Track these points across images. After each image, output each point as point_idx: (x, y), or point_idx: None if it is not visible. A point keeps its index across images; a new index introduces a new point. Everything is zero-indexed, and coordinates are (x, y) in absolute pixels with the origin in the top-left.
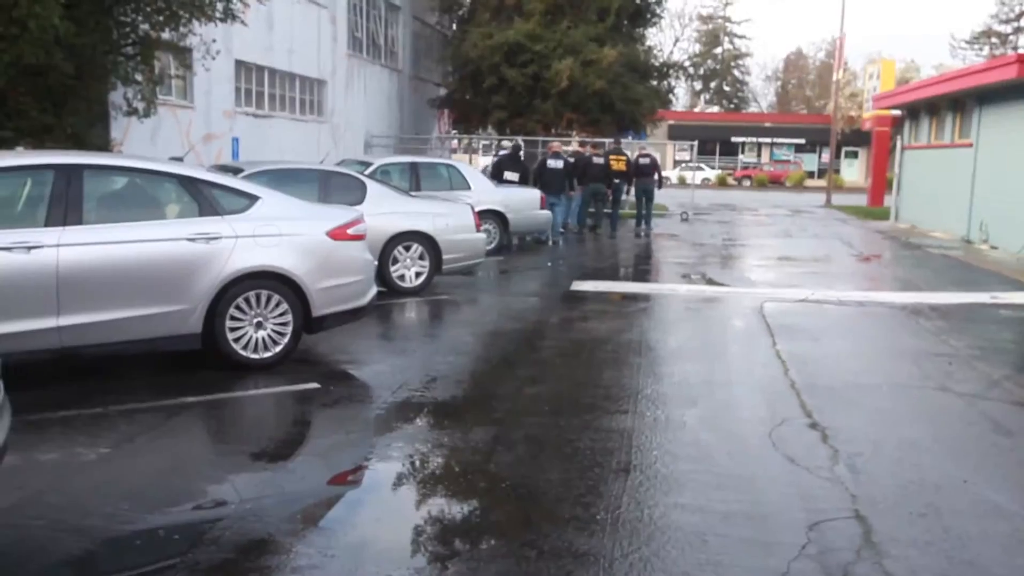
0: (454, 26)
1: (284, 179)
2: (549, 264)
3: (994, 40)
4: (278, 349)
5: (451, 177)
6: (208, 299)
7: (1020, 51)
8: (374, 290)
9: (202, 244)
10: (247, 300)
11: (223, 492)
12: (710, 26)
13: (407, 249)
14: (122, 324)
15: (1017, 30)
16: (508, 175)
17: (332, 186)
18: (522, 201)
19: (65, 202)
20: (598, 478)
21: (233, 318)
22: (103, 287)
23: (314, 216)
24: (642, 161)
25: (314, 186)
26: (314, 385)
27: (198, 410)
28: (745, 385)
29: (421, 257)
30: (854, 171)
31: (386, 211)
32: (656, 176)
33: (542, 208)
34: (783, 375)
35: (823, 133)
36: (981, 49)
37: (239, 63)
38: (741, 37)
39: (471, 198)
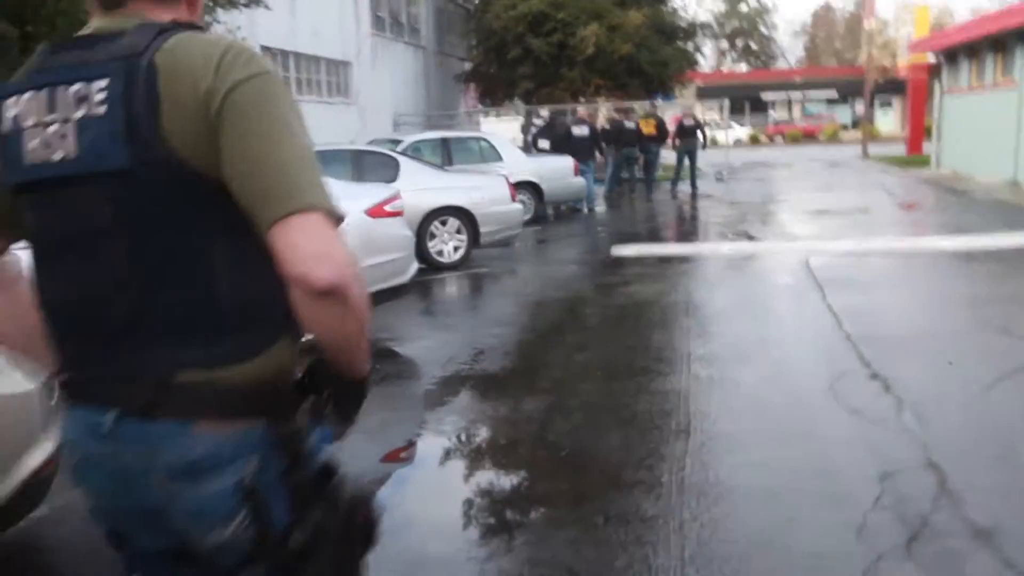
0: None
1: None
2: (587, 231)
3: None
4: None
5: (482, 150)
6: None
7: None
8: (415, 265)
9: None
10: None
11: None
12: None
13: (444, 224)
14: None
15: None
16: (541, 143)
17: (365, 165)
18: (555, 170)
19: None
20: (659, 440)
21: None
22: None
23: (350, 195)
24: (686, 123)
25: (347, 166)
26: None
27: None
28: (799, 340)
29: (458, 231)
30: (889, 120)
31: (421, 187)
32: (701, 136)
33: (576, 176)
34: (837, 328)
35: (855, 85)
36: None
37: (264, 49)
38: None
39: (504, 170)
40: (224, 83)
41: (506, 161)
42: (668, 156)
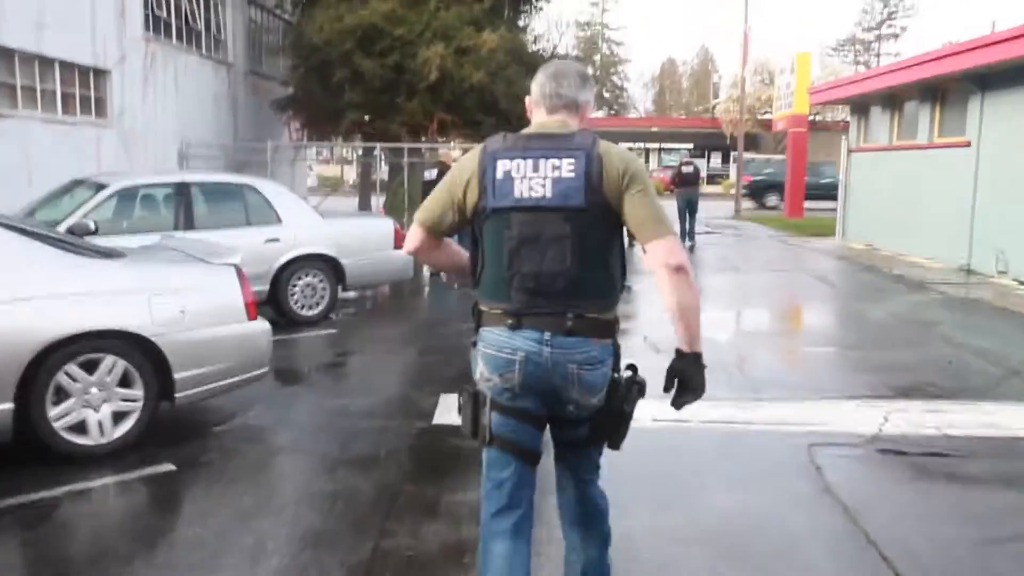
0: (299, 9)
1: None
2: (407, 339)
3: (858, 47)
4: None
5: (249, 205)
6: None
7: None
8: None
9: None
10: None
11: None
12: (588, 33)
13: (90, 369)
14: None
15: (879, 37)
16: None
17: None
18: (365, 239)
19: None
20: None
21: None
22: None
23: None
24: (685, 170)
25: None
26: None
27: None
28: None
29: (124, 382)
30: None
31: (45, 292)
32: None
33: (398, 247)
34: None
35: (710, 137)
36: (847, 55)
37: None
38: (619, 44)
39: (282, 235)
40: (628, 170)
41: (286, 223)
42: None
